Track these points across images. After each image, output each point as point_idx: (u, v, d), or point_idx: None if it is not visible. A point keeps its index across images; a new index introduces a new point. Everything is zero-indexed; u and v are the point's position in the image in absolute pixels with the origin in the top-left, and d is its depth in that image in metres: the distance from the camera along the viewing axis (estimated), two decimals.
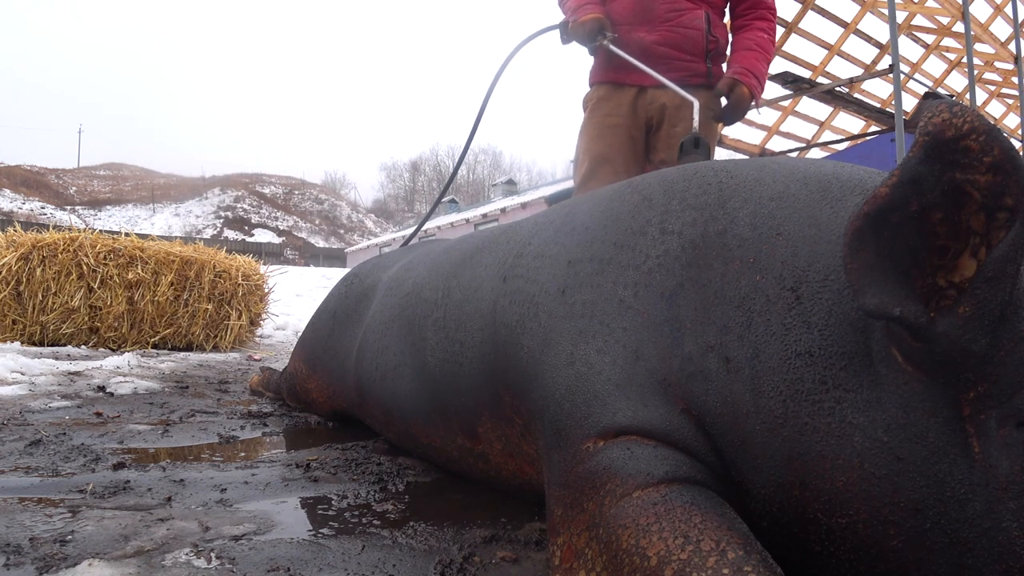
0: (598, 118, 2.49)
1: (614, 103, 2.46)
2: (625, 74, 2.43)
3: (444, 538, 1.12)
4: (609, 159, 2.44)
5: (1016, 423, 0.64)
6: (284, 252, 43.97)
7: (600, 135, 2.47)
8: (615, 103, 2.46)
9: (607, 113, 2.47)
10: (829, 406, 0.73)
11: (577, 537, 0.83)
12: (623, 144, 2.45)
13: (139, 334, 4.45)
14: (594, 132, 2.49)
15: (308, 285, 10.85)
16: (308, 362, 2.09)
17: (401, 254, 1.99)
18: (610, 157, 2.44)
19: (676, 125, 2.39)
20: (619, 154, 2.44)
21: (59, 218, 44.57)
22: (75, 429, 1.84)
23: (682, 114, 2.38)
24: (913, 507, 0.67)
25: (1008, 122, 9.56)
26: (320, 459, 1.63)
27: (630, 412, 0.86)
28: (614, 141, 2.45)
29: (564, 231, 1.13)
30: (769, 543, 0.79)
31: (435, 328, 1.36)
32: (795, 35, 7.68)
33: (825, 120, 8.89)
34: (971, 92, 6.55)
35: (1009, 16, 7.63)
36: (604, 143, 2.46)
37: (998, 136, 0.60)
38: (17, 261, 4.22)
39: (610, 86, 2.49)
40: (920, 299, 0.66)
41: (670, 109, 2.40)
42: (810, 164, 0.93)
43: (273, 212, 63.51)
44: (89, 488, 1.29)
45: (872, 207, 0.65)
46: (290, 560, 1.00)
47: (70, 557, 0.96)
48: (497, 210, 25.30)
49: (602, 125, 2.47)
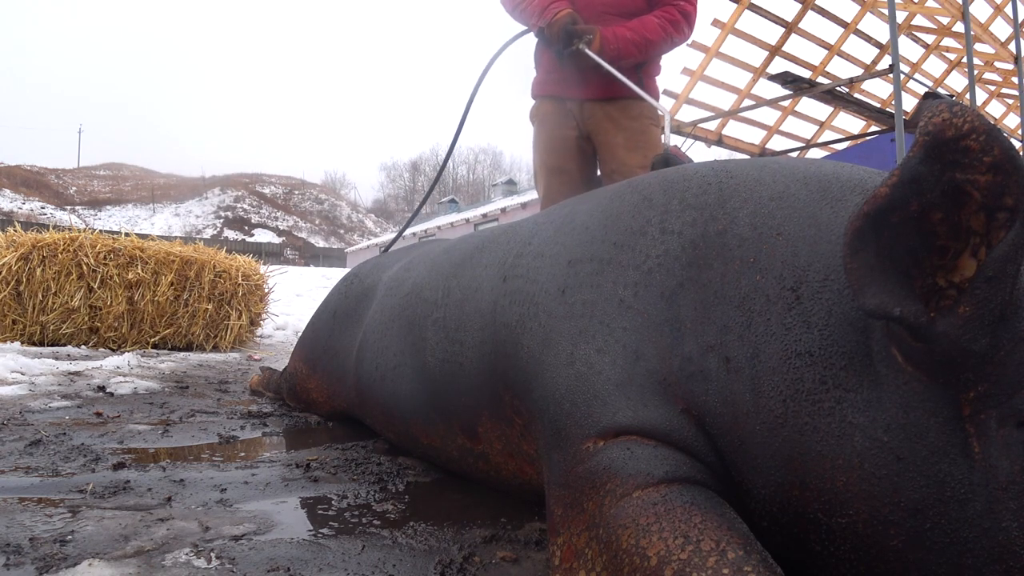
0: (547, 131, 2.51)
1: (560, 115, 2.48)
2: (564, 88, 2.44)
3: (444, 538, 1.12)
4: (564, 169, 2.48)
5: (1016, 423, 0.64)
6: (284, 252, 43.98)
7: (551, 148, 2.50)
8: (561, 115, 2.48)
9: (556, 125, 2.49)
10: (829, 406, 0.73)
11: (577, 537, 0.83)
12: (575, 154, 2.48)
13: (139, 334, 4.45)
14: (545, 145, 2.52)
15: (308, 285, 10.85)
16: (308, 362, 2.09)
17: (401, 254, 1.99)
18: (564, 167, 2.48)
19: (616, 136, 2.40)
20: (572, 163, 2.48)
21: (59, 218, 44.59)
22: (75, 429, 1.84)
23: (620, 125, 2.38)
24: (913, 507, 0.67)
25: (1008, 122, 9.57)
26: (320, 459, 1.63)
27: (630, 412, 0.86)
28: (566, 151, 2.48)
29: (564, 231, 1.13)
30: (769, 543, 0.79)
31: (435, 328, 1.36)
32: (795, 35, 7.69)
33: (825, 120, 8.90)
34: (971, 92, 6.55)
35: (1009, 16, 7.63)
36: (556, 155, 2.49)
37: (998, 136, 0.60)
38: (17, 261, 4.22)
39: (552, 100, 2.50)
40: (920, 299, 0.66)
41: (606, 123, 2.40)
42: (810, 164, 0.93)
43: (273, 212, 63.53)
44: (89, 488, 1.29)
45: (872, 207, 0.65)
46: (290, 560, 1.00)
47: (70, 557, 0.96)
48: (497, 210, 25.30)
49: (551, 137, 2.50)
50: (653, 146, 2.39)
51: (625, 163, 2.35)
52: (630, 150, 2.36)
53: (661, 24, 2.32)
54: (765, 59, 7.80)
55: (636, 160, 2.34)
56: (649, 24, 2.31)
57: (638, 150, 2.36)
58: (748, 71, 7.88)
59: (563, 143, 2.47)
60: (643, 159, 2.34)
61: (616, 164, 2.38)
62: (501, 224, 1.56)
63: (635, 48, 2.28)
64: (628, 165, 2.34)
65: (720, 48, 7.42)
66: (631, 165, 2.34)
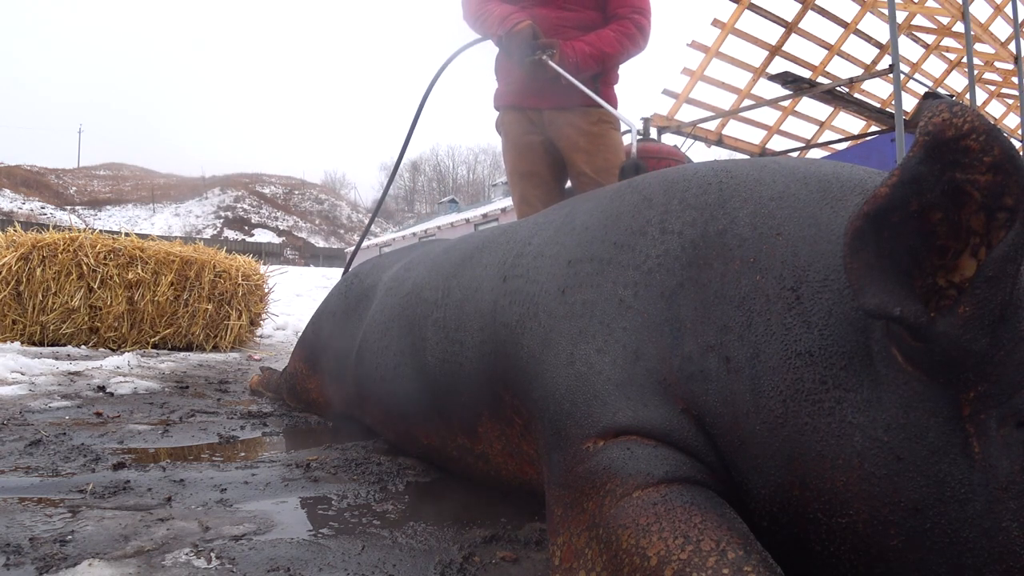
0: (513, 139, 2.56)
1: (524, 123, 2.53)
2: (523, 98, 2.49)
3: (444, 538, 1.12)
4: (535, 172, 2.54)
5: (1016, 423, 0.64)
6: (284, 252, 43.98)
7: (521, 155, 2.55)
8: (526, 122, 2.52)
9: (523, 132, 2.53)
10: (829, 406, 0.73)
11: (577, 537, 0.83)
12: (543, 158, 2.52)
13: (139, 334, 4.45)
14: (514, 153, 2.57)
15: (308, 285, 10.85)
16: (308, 362, 2.09)
17: (401, 254, 1.99)
18: (535, 171, 2.54)
19: (578, 141, 2.43)
20: (541, 166, 2.53)
21: (59, 218, 44.60)
22: (75, 429, 1.84)
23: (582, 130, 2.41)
24: (913, 507, 0.67)
25: (1008, 122, 9.57)
26: (320, 459, 1.63)
27: (630, 412, 0.86)
28: (534, 156, 2.53)
29: (564, 231, 1.13)
30: (769, 543, 0.79)
31: (435, 328, 1.36)
32: (795, 35, 7.69)
33: (825, 120, 8.90)
34: (971, 92, 6.55)
35: (1009, 16, 7.63)
36: (525, 160, 2.54)
37: (998, 136, 0.60)
38: (17, 261, 4.22)
39: (515, 109, 2.55)
40: (920, 299, 0.66)
41: (567, 129, 2.44)
42: (810, 164, 0.93)
43: (273, 212, 63.53)
44: (89, 488, 1.29)
45: (872, 207, 0.65)
46: (290, 560, 1.00)
47: (70, 557, 0.96)
48: (497, 210, 25.28)
49: (519, 144, 2.55)
50: (614, 149, 2.44)
51: (587, 166, 2.41)
52: (591, 154, 2.41)
53: (617, 37, 2.38)
54: (765, 59, 7.80)
55: (598, 163, 2.40)
56: (606, 38, 2.37)
57: (599, 153, 2.42)
58: (748, 71, 7.89)
59: (529, 148, 2.53)
60: (604, 162, 2.40)
61: (578, 168, 2.43)
62: (501, 224, 1.56)
63: (593, 61, 2.35)
64: (590, 168, 2.40)
65: (720, 48, 7.43)
66: (593, 168, 2.40)
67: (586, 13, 2.41)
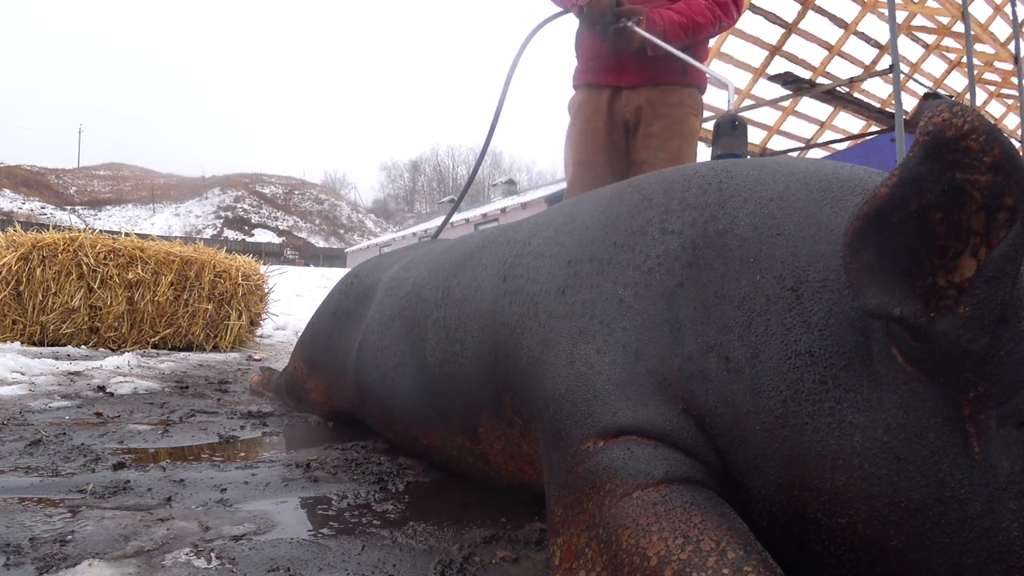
0: (579, 123, 2.49)
1: (592, 107, 2.45)
2: (601, 75, 2.40)
3: (444, 538, 1.12)
4: (591, 163, 2.45)
5: (1016, 423, 0.64)
6: (284, 252, 43.98)
7: (582, 141, 2.48)
8: (593, 107, 2.45)
9: (587, 118, 2.46)
10: (829, 406, 0.73)
11: (577, 537, 0.83)
12: (604, 148, 2.44)
13: (139, 334, 4.45)
14: (576, 138, 2.50)
15: (308, 285, 10.85)
16: (308, 362, 2.09)
17: (401, 254, 1.99)
18: (592, 161, 2.45)
19: (652, 125, 2.35)
20: (600, 157, 2.44)
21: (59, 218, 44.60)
22: (75, 429, 1.84)
23: (658, 113, 2.33)
24: (913, 507, 0.67)
25: (1008, 122, 9.57)
26: (320, 459, 1.63)
27: (630, 412, 0.86)
28: (595, 145, 2.45)
29: (564, 231, 1.13)
30: (769, 543, 0.79)
31: (435, 328, 1.36)
32: (795, 35, 7.69)
33: (825, 120, 8.90)
34: (971, 92, 6.55)
35: (1009, 16, 7.63)
36: (586, 149, 2.47)
37: (998, 136, 0.60)
38: (17, 261, 4.22)
39: (587, 89, 2.47)
40: (920, 299, 0.66)
41: (645, 109, 2.36)
42: (810, 164, 0.93)
43: (273, 212, 63.53)
44: (89, 488, 1.29)
45: (872, 207, 0.65)
46: (290, 560, 1.00)
47: (70, 557, 0.96)
48: (497, 210, 25.28)
49: (583, 130, 2.48)
50: (689, 136, 2.34)
51: (659, 152, 2.30)
52: (666, 139, 2.30)
53: (709, 6, 2.26)
54: (765, 59, 7.80)
55: (671, 150, 2.29)
56: (696, 7, 2.24)
57: (674, 139, 2.30)
58: (748, 71, 7.88)
59: (592, 137, 2.43)
60: (677, 150, 2.29)
61: (649, 153, 2.32)
62: (501, 224, 1.56)
63: (682, 31, 2.21)
64: (662, 154, 2.29)
65: (720, 48, 7.43)
66: (665, 154, 2.28)
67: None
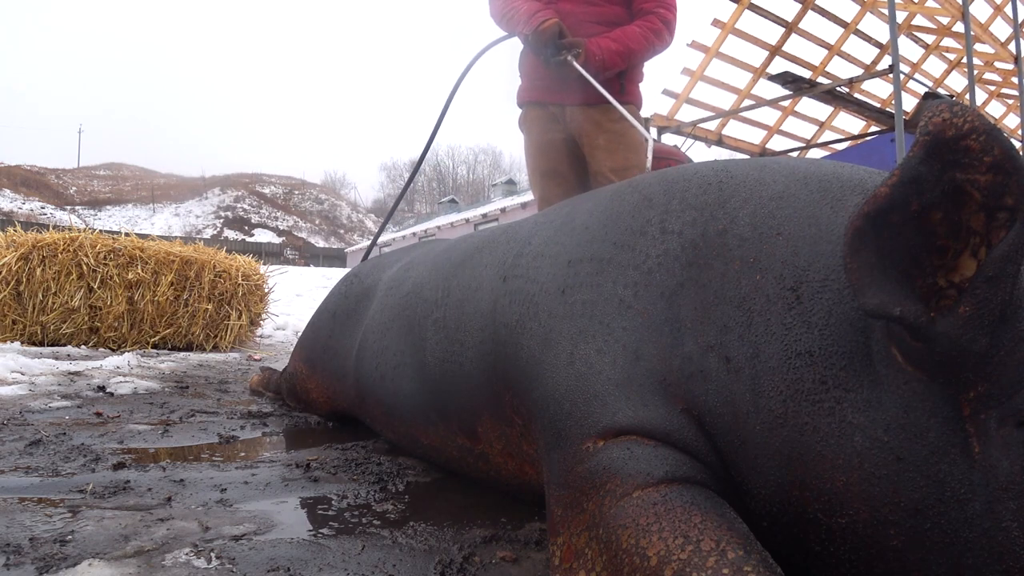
0: (535, 136, 2.56)
1: (547, 120, 2.53)
2: (546, 94, 2.49)
3: (444, 538, 1.12)
4: (556, 171, 2.53)
5: (1016, 423, 0.64)
6: (284, 252, 43.98)
7: (542, 152, 2.55)
8: (548, 119, 2.52)
9: (543, 130, 2.53)
10: (829, 406, 0.73)
11: (577, 537, 0.83)
12: (565, 156, 2.52)
13: (139, 334, 4.45)
14: (535, 150, 2.57)
15: (308, 285, 10.85)
16: (308, 362, 2.09)
17: (401, 254, 1.99)
18: (557, 170, 2.53)
19: (597, 138, 2.44)
20: (564, 164, 2.53)
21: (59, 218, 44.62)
22: (75, 429, 1.84)
23: (602, 128, 2.41)
24: (913, 507, 0.67)
25: (1008, 122, 9.57)
26: (320, 459, 1.63)
27: (630, 412, 0.86)
28: (556, 154, 2.53)
29: (564, 231, 1.13)
30: (769, 543, 0.79)
31: (435, 328, 1.36)
32: (795, 35, 7.69)
33: (825, 120, 8.90)
34: (971, 92, 6.55)
35: (1009, 16, 7.63)
36: (547, 158, 2.54)
37: (998, 136, 0.60)
38: (17, 261, 4.22)
39: (537, 106, 2.55)
40: (920, 299, 0.66)
41: (588, 125, 2.44)
42: (810, 164, 0.93)
43: (273, 212, 63.55)
44: (89, 488, 1.29)
45: (872, 207, 0.65)
46: (290, 560, 1.00)
47: (70, 557, 0.96)
48: (497, 210, 25.29)
49: (541, 142, 2.54)
50: (634, 148, 2.44)
51: (605, 165, 2.41)
52: (611, 152, 2.41)
53: (643, 33, 2.37)
54: (765, 59, 7.80)
55: (617, 161, 2.40)
56: (632, 34, 2.36)
57: (618, 152, 2.41)
58: (748, 71, 7.89)
59: (552, 146, 2.52)
60: (624, 161, 2.40)
61: (600, 165, 2.43)
62: (501, 224, 1.56)
63: (619, 58, 2.34)
64: (608, 165, 2.40)
65: (720, 48, 7.43)
66: (611, 166, 2.40)
67: (611, 8, 2.40)
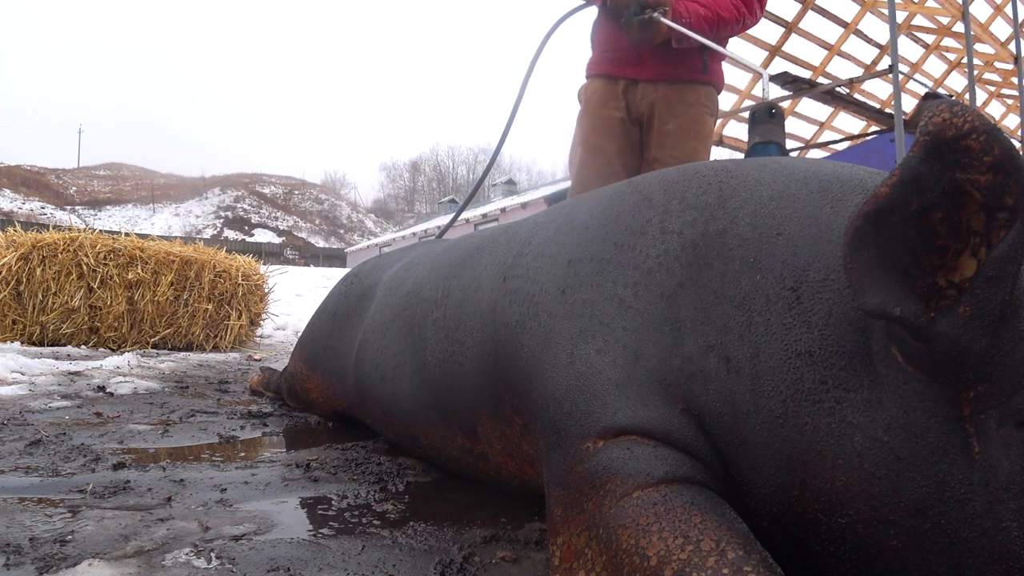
0: (593, 109, 2.44)
1: (609, 94, 2.41)
2: (619, 67, 2.38)
3: (444, 538, 1.12)
4: (602, 149, 2.40)
5: (1016, 423, 0.64)
6: (284, 252, 43.99)
7: (595, 126, 2.43)
8: (610, 94, 2.41)
9: (602, 104, 2.42)
10: (829, 406, 0.73)
11: (577, 537, 0.83)
12: (618, 135, 2.40)
13: (139, 334, 4.45)
14: (589, 123, 2.45)
15: (308, 285, 10.85)
16: (308, 362, 2.08)
17: (401, 254, 1.99)
18: (603, 147, 2.40)
19: (667, 123, 2.32)
20: (612, 144, 2.40)
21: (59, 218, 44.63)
22: (75, 429, 1.84)
23: (674, 111, 2.31)
24: (913, 507, 0.67)
25: (1008, 122, 9.56)
26: (320, 459, 1.63)
27: (630, 412, 0.86)
28: (608, 132, 2.40)
29: (564, 231, 1.13)
30: (769, 543, 0.79)
31: (435, 328, 1.36)
32: (795, 35, 7.68)
33: (825, 120, 8.90)
34: (971, 92, 6.55)
35: (1009, 16, 7.63)
36: (598, 134, 2.42)
37: (998, 136, 0.60)
38: (17, 261, 4.22)
39: (604, 79, 2.43)
40: (920, 299, 0.66)
41: (660, 106, 2.33)
42: (810, 164, 0.93)
43: (273, 212, 63.57)
44: (89, 488, 1.29)
45: (872, 207, 0.65)
46: (290, 560, 1.00)
47: (70, 557, 0.96)
48: (497, 210, 25.29)
49: (596, 116, 2.43)
50: (705, 136, 2.32)
51: (670, 152, 2.28)
52: (681, 138, 2.28)
53: (735, 2, 2.24)
54: (765, 59, 7.79)
55: (685, 150, 2.27)
56: (722, 2, 2.22)
57: (689, 139, 2.28)
58: (748, 71, 7.88)
59: (607, 122, 2.40)
60: (691, 150, 2.27)
61: (663, 152, 2.30)
62: (501, 224, 1.56)
63: (708, 24, 2.18)
64: (674, 154, 2.27)
65: None
66: (677, 155, 2.26)
67: None
